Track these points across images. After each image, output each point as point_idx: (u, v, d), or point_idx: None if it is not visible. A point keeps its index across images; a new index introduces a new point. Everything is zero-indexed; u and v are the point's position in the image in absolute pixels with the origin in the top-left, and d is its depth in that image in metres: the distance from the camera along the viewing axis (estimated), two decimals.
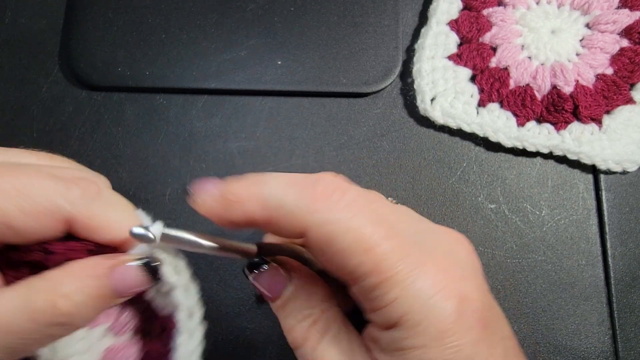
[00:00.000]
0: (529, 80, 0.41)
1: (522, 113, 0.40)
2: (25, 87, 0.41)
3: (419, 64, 0.41)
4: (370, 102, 0.42)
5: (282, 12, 0.43)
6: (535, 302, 0.38)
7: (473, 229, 0.39)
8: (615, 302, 0.38)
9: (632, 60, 0.40)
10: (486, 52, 0.41)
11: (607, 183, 0.40)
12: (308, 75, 0.41)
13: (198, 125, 0.41)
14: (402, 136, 0.41)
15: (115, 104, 0.41)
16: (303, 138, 0.41)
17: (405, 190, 0.40)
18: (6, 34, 0.43)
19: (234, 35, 0.42)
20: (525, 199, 0.40)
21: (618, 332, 0.38)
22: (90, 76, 0.41)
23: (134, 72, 0.41)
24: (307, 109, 0.42)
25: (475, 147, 0.41)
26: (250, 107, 0.41)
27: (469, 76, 0.41)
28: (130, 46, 0.42)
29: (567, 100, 0.39)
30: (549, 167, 0.41)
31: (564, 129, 0.40)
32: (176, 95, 0.41)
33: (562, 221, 0.40)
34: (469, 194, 0.40)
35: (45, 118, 0.41)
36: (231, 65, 0.41)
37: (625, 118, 0.40)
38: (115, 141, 0.41)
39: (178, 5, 0.43)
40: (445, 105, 0.40)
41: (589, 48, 0.41)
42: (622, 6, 0.42)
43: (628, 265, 0.39)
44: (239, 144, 0.41)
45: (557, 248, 0.39)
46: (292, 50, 0.42)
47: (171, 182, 0.40)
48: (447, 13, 0.42)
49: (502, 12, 0.42)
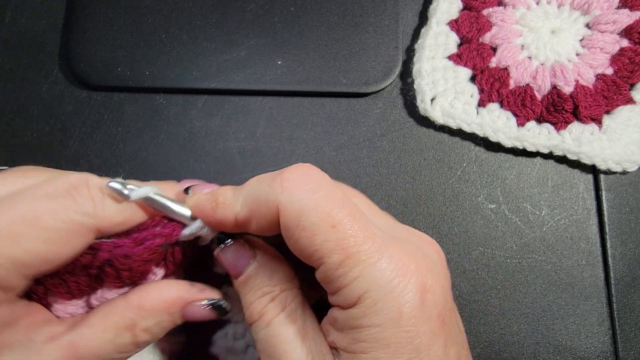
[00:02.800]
0: (529, 80, 0.41)
1: (522, 113, 0.40)
2: (25, 87, 0.41)
3: (419, 64, 0.41)
4: (370, 102, 0.42)
5: (282, 12, 0.43)
6: (535, 302, 0.38)
7: (473, 229, 0.39)
8: (615, 302, 0.38)
9: (632, 60, 0.40)
10: (486, 52, 0.41)
11: (607, 183, 0.40)
12: (308, 75, 0.41)
13: (198, 125, 0.41)
14: (402, 136, 0.41)
15: (115, 104, 0.41)
16: (303, 138, 0.41)
17: (405, 190, 0.40)
18: (6, 34, 0.43)
19: (234, 35, 0.42)
20: (525, 199, 0.40)
21: (618, 332, 0.38)
22: (90, 76, 0.41)
23: (134, 72, 0.41)
24: (307, 109, 0.42)
25: (475, 147, 0.41)
26: (250, 107, 0.41)
27: (469, 76, 0.41)
28: (130, 46, 0.42)
29: (567, 100, 0.39)
30: (549, 167, 0.41)
31: (564, 129, 0.40)
32: (176, 95, 0.41)
33: (562, 221, 0.40)
34: (469, 194, 0.40)
35: (45, 118, 0.41)
36: (231, 65, 0.41)
37: (625, 118, 0.40)
38: (115, 141, 0.41)
39: (178, 5, 0.43)
40: (445, 105, 0.40)
41: (589, 48, 0.41)
42: (622, 6, 0.42)
43: (628, 265, 0.39)
44: (239, 144, 0.41)
45: (557, 248, 0.39)
46: (292, 50, 0.42)
47: None
48: (447, 13, 0.42)
49: (502, 12, 0.42)
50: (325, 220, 0.23)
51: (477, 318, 0.38)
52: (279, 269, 0.27)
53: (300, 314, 0.26)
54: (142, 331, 0.26)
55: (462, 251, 0.39)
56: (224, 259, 0.27)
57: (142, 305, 0.26)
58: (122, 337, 0.25)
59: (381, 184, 0.40)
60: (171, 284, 0.27)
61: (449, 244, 0.39)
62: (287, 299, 0.26)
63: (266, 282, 0.26)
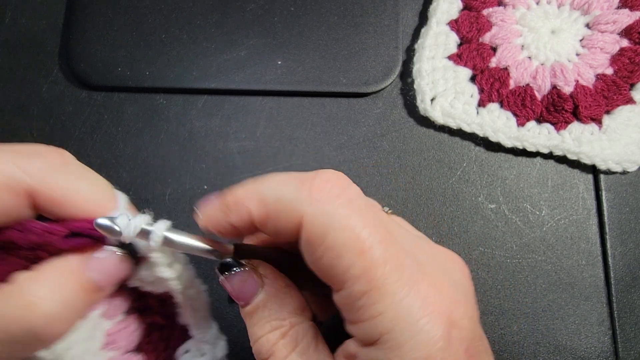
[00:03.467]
0: (529, 80, 0.41)
1: (522, 113, 0.40)
2: (25, 87, 0.41)
3: (419, 64, 0.41)
4: (370, 102, 0.42)
5: (282, 12, 0.43)
6: (535, 302, 0.38)
7: (473, 229, 0.39)
8: (615, 302, 0.38)
9: (632, 60, 0.40)
10: (486, 52, 0.41)
11: (607, 183, 0.40)
12: (308, 75, 0.41)
13: (198, 125, 0.41)
14: (402, 136, 0.41)
15: (115, 104, 0.41)
16: (303, 138, 0.41)
17: (405, 190, 0.40)
18: (6, 34, 0.43)
19: (234, 35, 0.42)
20: (525, 199, 0.40)
21: (618, 332, 0.38)
22: (90, 76, 0.41)
23: (134, 72, 0.41)
24: (307, 109, 0.42)
25: (475, 147, 0.41)
26: (250, 107, 0.41)
27: (469, 76, 0.41)
28: (130, 46, 0.42)
29: (567, 100, 0.39)
30: (549, 167, 0.41)
31: (564, 129, 0.40)
32: (176, 95, 0.41)
33: (562, 221, 0.40)
34: (469, 194, 0.40)
35: (45, 118, 0.41)
36: (231, 65, 0.41)
37: (625, 118, 0.40)
38: (115, 141, 0.41)
39: (178, 5, 0.43)
40: (445, 105, 0.40)
41: (589, 48, 0.41)
42: (622, 6, 0.42)
43: (628, 265, 0.39)
44: (239, 144, 0.41)
45: (557, 248, 0.39)
46: (292, 50, 0.42)
47: (171, 182, 0.40)
48: (447, 13, 0.42)
49: (502, 12, 0.42)
50: (355, 243, 0.21)
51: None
52: (289, 300, 0.25)
53: (314, 351, 0.24)
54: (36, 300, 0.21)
55: (462, 251, 0.39)
56: (230, 286, 0.25)
57: (29, 273, 0.22)
58: (6, 310, 0.21)
59: (381, 184, 0.40)
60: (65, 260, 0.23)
61: (449, 244, 0.39)
62: (299, 335, 0.24)
63: (275, 315, 0.24)
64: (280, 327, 0.24)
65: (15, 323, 0.21)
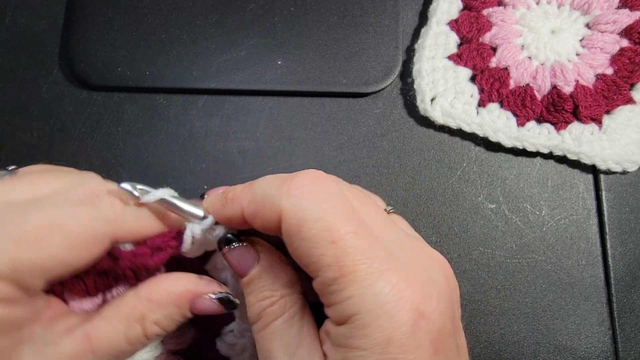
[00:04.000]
0: (529, 80, 0.41)
1: (522, 113, 0.40)
2: (25, 87, 0.41)
3: (419, 64, 0.41)
4: (370, 102, 0.42)
5: (282, 12, 0.43)
6: (535, 302, 0.38)
7: (473, 229, 0.39)
8: (615, 302, 0.38)
9: (632, 60, 0.40)
10: (486, 52, 0.41)
11: (607, 183, 0.40)
12: (308, 75, 0.41)
13: (198, 125, 0.41)
14: (402, 136, 0.41)
15: (115, 104, 0.41)
16: (303, 138, 0.41)
17: (405, 190, 0.40)
18: (6, 34, 0.43)
19: (234, 35, 0.42)
20: (525, 199, 0.40)
21: (618, 332, 0.38)
22: (90, 76, 0.41)
23: (134, 72, 0.41)
24: (307, 109, 0.42)
25: (475, 147, 0.41)
26: (250, 107, 0.41)
27: (469, 76, 0.41)
28: (130, 46, 0.42)
29: (567, 100, 0.39)
30: (549, 167, 0.41)
31: (564, 129, 0.40)
32: (176, 95, 0.41)
33: (562, 221, 0.40)
34: (469, 194, 0.40)
35: (45, 118, 0.41)
36: (231, 65, 0.41)
37: (625, 118, 0.40)
38: (115, 141, 0.41)
39: (178, 5, 0.43)
40: (445, 105, 0.40)
41: (589, 48, 0.41)
42: (622, 6, 0.42)
43: (628, 265, 0.39)
44: (239, 144, 0.41)
45: (557, 248, 0.39)
46: (292, 50, 0.42)
47: (171, 182, 0.40)
48: (447, 13, 0.42)
49: (502, 12, 0.42)
50: (326, 234, 0.23)
51: (477, 318, 0.38)
52: (282, 274, 0.27)
53: (298, 320, 0.26)
54: (152, 323, 0.27)
55: (462, 251, 0.39)
56: (230, 258, 0.28)
57: (151, 298, 0.27)
58: (132, 328, 0.26)
59: (381, 184, 0.40)
60: (179, 277, 0.28)
61: (449, 244, 0.39)
62: (287, 305, 0.26)
63: (267, 287, 0.27)
64: (271, 296, 0.26)
65: (137, 337, 0.27)
